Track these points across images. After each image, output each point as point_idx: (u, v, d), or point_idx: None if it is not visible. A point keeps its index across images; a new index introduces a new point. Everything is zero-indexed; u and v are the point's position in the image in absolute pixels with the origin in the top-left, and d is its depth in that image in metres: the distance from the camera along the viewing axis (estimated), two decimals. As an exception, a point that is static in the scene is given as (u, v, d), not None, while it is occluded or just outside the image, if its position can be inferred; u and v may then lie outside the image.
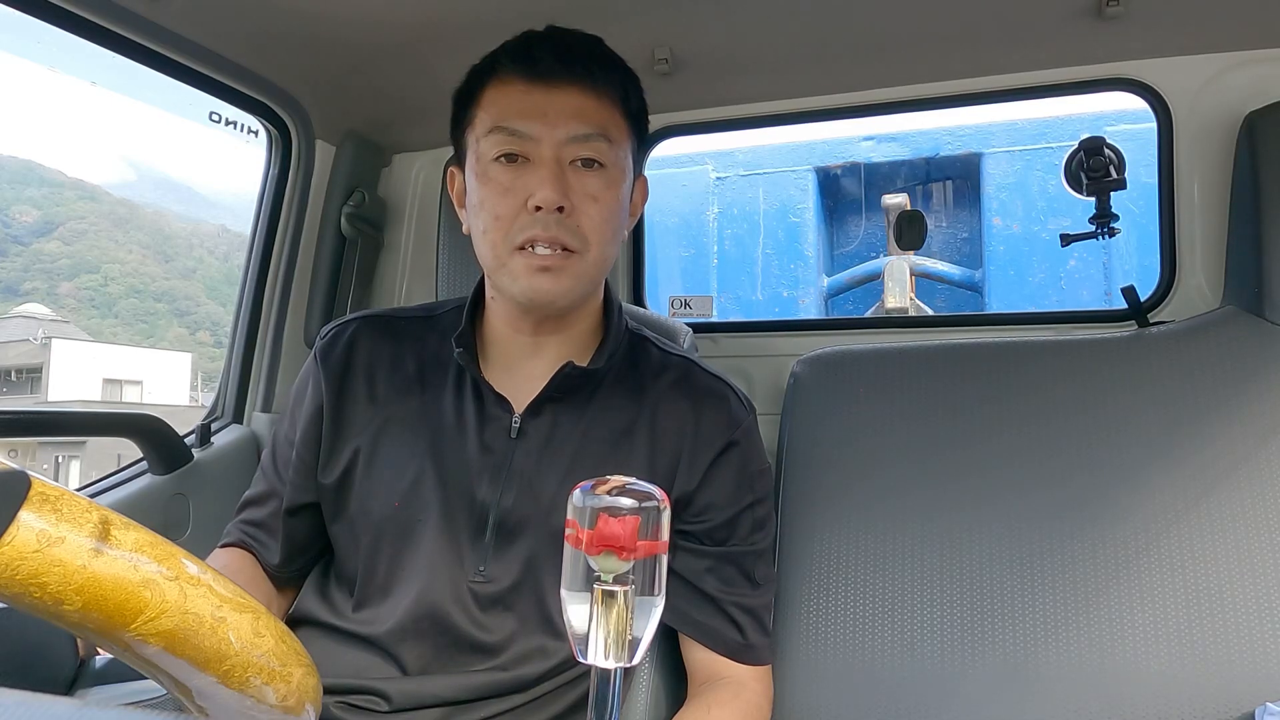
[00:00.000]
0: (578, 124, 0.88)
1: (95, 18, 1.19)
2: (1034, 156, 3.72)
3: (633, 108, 0.95)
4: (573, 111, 0.88)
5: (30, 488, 0.42)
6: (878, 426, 1.20)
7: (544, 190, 0.86)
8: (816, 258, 4.06)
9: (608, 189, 0.90)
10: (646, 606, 0.47)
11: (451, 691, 0.89)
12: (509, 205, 0.88)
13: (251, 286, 1.60)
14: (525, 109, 0.88)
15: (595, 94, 0.90)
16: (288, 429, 1.01)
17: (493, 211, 0.88)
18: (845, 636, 1.07)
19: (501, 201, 0.88)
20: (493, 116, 0.90)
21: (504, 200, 0.88)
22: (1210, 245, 1.33)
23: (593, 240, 0.89)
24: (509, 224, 0.88)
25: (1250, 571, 1.00)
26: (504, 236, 0.88)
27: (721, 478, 0.96)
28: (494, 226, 0.89)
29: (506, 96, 0.89)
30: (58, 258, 77.34)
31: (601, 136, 0.89)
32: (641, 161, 1.00)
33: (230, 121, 1.57)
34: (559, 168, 0.88)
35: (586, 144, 0.89)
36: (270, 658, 0.49)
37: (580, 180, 0.89)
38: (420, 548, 0.92)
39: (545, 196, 0.86)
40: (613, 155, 0.91)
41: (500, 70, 0.91)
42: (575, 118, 0.88)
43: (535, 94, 0.88)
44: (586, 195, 0.89)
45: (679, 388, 0.98)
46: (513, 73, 0.90)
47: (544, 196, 0.86)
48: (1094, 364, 1.17)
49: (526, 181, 0.87)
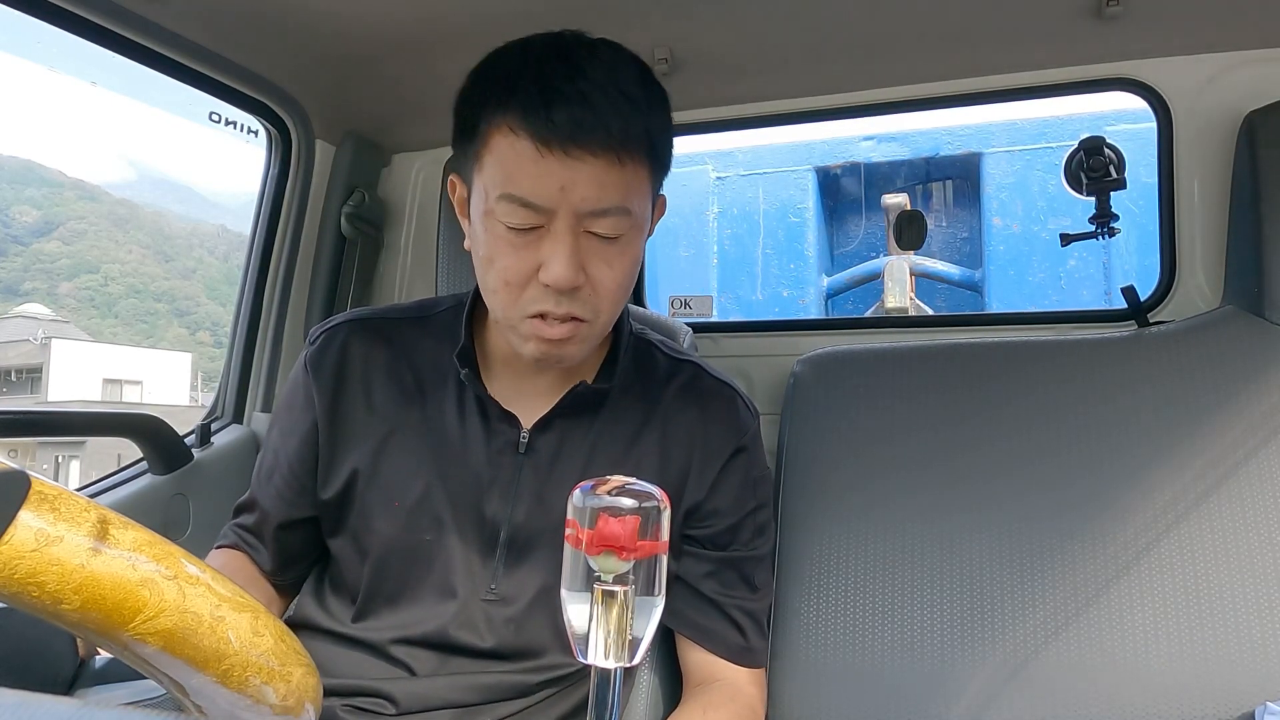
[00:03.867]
0: (598, 196, 0.78)
1: (95, 18, 1.19)
2: (1034, 156, 3.72)
3: (659, 152, 0.84)
4: (593, 181, 0.78)
5: (29, 487, 0.42)
6: (878, 427, 1.20)
7: (557, 268, 0.78)
8: (816, 258, 4.06)
9: (624, 254, 0.83)
10: (646, 606, 0.47)
11: (459, 694, 0.88)
12: (520, 272, 0.81)
13: (251, 286, 1.60)
14: (539, 176, 0.77)
15: (619, 160, 0.78)
16: (277, 439, 0.98)
17: (503, 276, 0.81)
18: (845, 636, 1.07)
19: (513, 266, 0.81)
20: (503, 177, 0.79)
21: (515, 265, 0.81)
22: (1210, 245, 1.33)
23: (605, 307, 0.84)
24: (519, 292, 0.81)
25: (1251, 571, 1.00)
26: (514, 303, 0.82)
27: (728, 484, 0.95)
28: (504, 290, 0.82)
29: (518, 157, 0.77)
30: (58, 258, 77.31)
31: (622, 209, 0.80)
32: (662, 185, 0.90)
33: (230, 121, 1.57)
34: (574, 238, 0.79)
35: (605, 217, 0.79)
36: (270, 657, 0.49)
37: (597, 250, 0.81)
38: (430, 565, 0.90)
39: (558, 276, 0.78)
40: (630, 221, 0.82)
41: (510, 116, 0.78)
42: (595, 188, 0.78)
43: (550, 160, 0.76)
44: (602, 263, 0.81)
45: (686, 395, 0.97)
46: (523, 127, 0.77)
47: (556, 276, 0.78)
48: (1094, 364, 1.17)
49: (539, 250, 0.79)
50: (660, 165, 0.86)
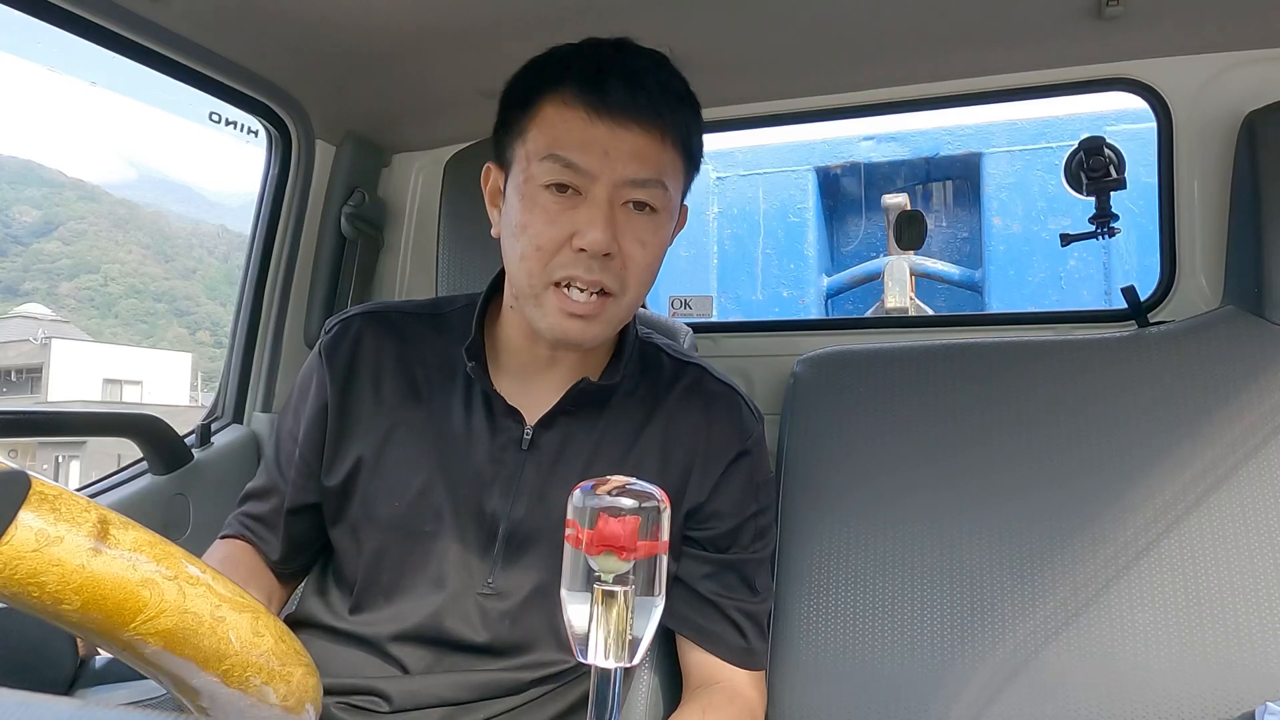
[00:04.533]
0: (638, 167, 0.83)
1: (95, 18, 1.19)
2: (1034, 156, 3.72)
3: (694, 148, 0.90)
4: (636, 153, 0.83)
5: (30, 487, 0.42)
6: (878, 427, 1.20)
7: (594, 232, 0.81)
8: (816, 258, 4.06)
9: (655, 233, 0.86)
10: (646, 606, 0.47)
11: (453, 692, 0.89)
12: (553, 238, 0.83)
13: (251, 286, 1.60)
14: (585, 142, 0.82)
15: (661, 136, 0.84)
16: (291, 424, 0.99)
17: (534, 241, 0.83)
18: (845, 635, 1.07)
19: (546, 232, 0.83)
20: (549, 140, 0.83)
21: (549, 231, 0.83)
22: (1210, 245, 1.33)
23: (632, 284, 0.86)
24: (549, 257, 0.83)
25: (1250, 571, 1.00)
26: (542, 269, 0.84)
27: (730, 487, 0.95)
28: (533, 256, 0.84)
29: (567, 123, 0.83)
30: (58, 258, 77.32)
31: (659, 183, 0.85)
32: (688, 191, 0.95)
33: (230, 121, 1.57)
34: (611, 208, 0.83)
35: (643, 188, 0.84)
36: (270, 657, 0.49)
37: (630, 222, 0.85)
38: (427, 557, 0.91)
39: (594, 240, 0.81)
40: (665, 199, 0.86)
41: (564, 90, 0.84)
42: (637, 160, 0.83)
43: (599, 127, 0.82)
44: (634, 239, 0.85)
45: (691, 397, 0.97)
46: (577, 98, 0.83)
47: (593, 239, 0.81)
48: (1094, 364, 1.17)
49: (575, 217, 0.82)
50: (692, 163, 0.91)
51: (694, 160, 0.91)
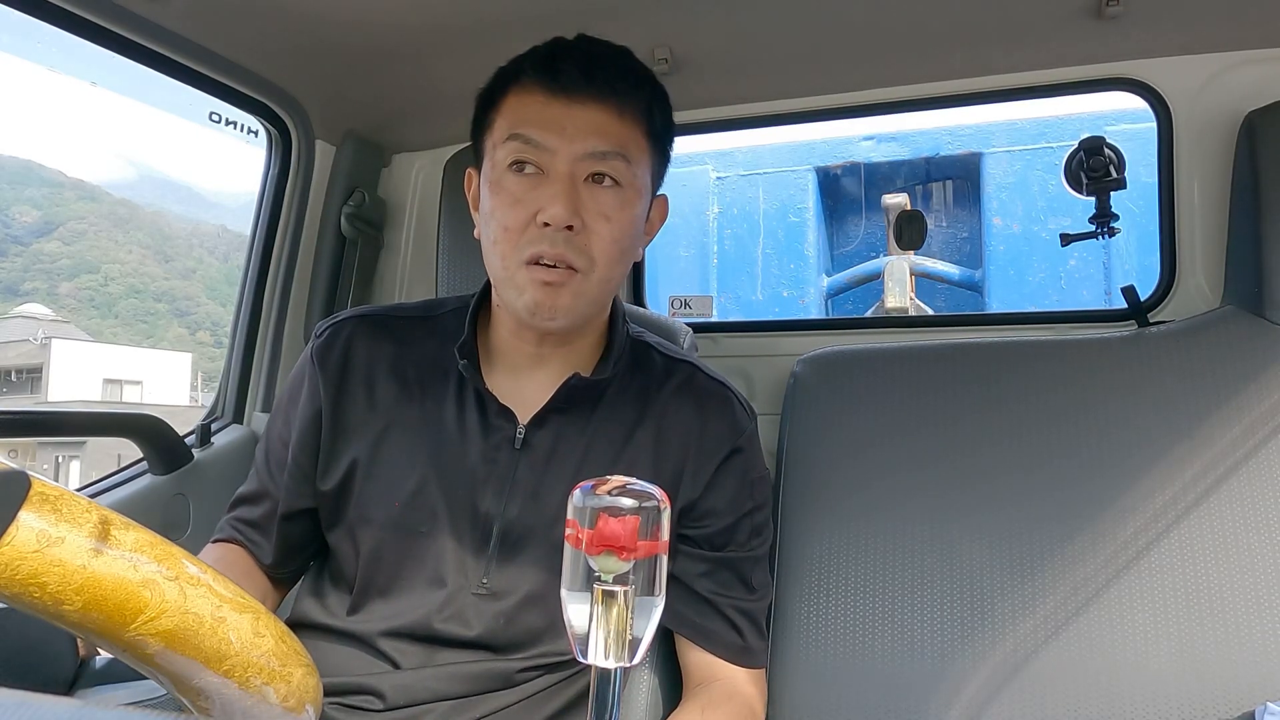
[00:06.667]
0: (596, 140, 0.86)
1: (95, 18, 1.19)
2: (1034, 156, 3.72)
3: (656, 127, 0.92)
4: (592, 127, 0.86)
5: (30, 488, 0.42)
6: (878, 427, 1.20)
7: (554, 207, 0.84)
8: (816, 257, 4.05)
9: (621, 208, 0.88)
10: (646, 606, 0.47)
11: (446, 685, 0.89)
12: (518, 218, 0.86)
13: (251, 286, 1.60)
14: (543, 119, 0.86)
15: (618, 111, 0.88)
16: (281, 428, 0.99)
17: (502, 223, 0.87)
18: (845, 635, 1.07)
19: (511, 213, 0.86)
20: (510, 123, 0.88)
21: (514, 212, 0.86)
22: (1210, 245, 1.33)
23: (599, 260, 0.87)
24: (517, 236, 0.86)
25: (1250, 572, 1.00)
26: (513, 249, 0.86)
27: (724, 485, 0.96)
28: (503, 238, 0.87)
29: (525, 105, 0.88)
30: (58, 258, 77.30)
31: (619, 155, 0.87)
32: (662, 180, 0.98)
33: (230, 122, 1.57)
34: (572, 184, 0.86)
35: (603, 161, 0.87)
36: (270, 658, 0.49)
37: (594, 197, 0.87)
38: (422, 557, 0.91)
39: (555, 214, 0.84)
40: (629, 174, 0.88)
41: (523, 77, 0.89)
42: (594, 134, 0.86)
43: (555, 106, 0.86)
44: (599, 213, 0.87)
45: (683, 394, 0.97)
46: (534, 81, 0.88)
47: (554, 214, 0.84)
48: (1094, 364, 1.17)
49: (538, 195, 0.86)
50: (656, 141, 0.92)
51: (659, 140, 0.93)
